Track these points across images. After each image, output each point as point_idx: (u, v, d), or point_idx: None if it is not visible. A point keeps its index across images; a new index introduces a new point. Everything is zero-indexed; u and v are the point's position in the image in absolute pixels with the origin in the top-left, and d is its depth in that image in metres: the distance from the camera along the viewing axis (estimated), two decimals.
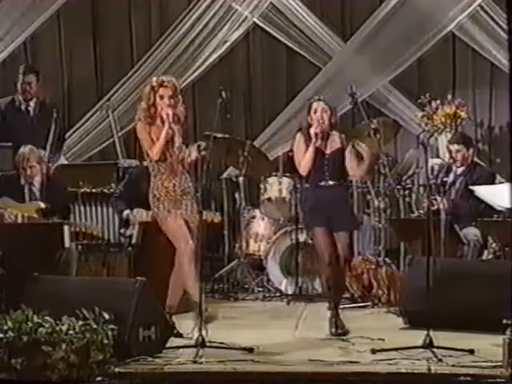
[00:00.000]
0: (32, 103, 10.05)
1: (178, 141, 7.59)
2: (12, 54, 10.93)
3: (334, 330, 7.63)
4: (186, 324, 7.43)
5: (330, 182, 7.72)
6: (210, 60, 10.88)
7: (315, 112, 7.75)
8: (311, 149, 7.67)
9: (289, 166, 9.02)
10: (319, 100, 7.90)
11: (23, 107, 10.05)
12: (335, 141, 7.77)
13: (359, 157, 7.75)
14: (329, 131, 7.75)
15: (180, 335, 7.39)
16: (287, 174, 9.51)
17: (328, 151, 7.74)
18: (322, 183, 7.71)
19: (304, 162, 7.70)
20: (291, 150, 8.11)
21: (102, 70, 11.27)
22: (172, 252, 7.59)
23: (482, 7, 10.65)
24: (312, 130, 7.70)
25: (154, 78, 7.67)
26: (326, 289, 7.91)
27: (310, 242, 8.79)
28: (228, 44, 10.89)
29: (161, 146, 7.46)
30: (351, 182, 9.25)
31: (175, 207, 7.55)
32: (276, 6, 10.81)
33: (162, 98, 7.49)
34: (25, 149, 9.16)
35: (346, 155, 7.75)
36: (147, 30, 11.22)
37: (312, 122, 7.73)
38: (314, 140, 7.68)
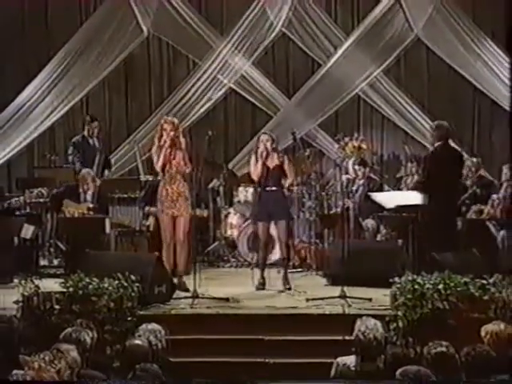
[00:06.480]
0: (93, 139, 9.93)
1: (178, 158, 7.48)
2: (73, 107, 10.78)
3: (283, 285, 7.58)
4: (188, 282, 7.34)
5: (273, 188, 7.65)
6: (201, 111, 10.78)
7: (261, 140, 7.70)
8: (260, 163, 7.61)
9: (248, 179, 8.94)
10: (264, 133, 7.94)
11: (91, 141, 9.92)
12: (275, 159, 7.68)
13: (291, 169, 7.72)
14: (271, 153, 7.65)
15: (187, 290, 7.25)
16: (250, 185, 9.44)
17: (271, 166, 7.66)
18: (268, 188, 7.64)
19: (255, 172, 7.65)
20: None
21: (131, 116, 11.11)
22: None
23: (377, 79, 10.63)
24: (259, 151, 7.65)
25: (162, 118, 7.63)
26: (282, 258, 7.83)
27: None
28: (213, 101, 10.81)
29: (161, 163, 7.39)
30: (292, 190, 9.18)
31: (169, 207, 7.43)
32: (244, 76, 10.72)
33: (165, 131, 7.45)
34: (84, 171, 9.14)
35: (285, 169, 7.68)
36: (160, 90, 11.05)
37: (259, 146, 7.68)
38: (260, 158, 7.62)
